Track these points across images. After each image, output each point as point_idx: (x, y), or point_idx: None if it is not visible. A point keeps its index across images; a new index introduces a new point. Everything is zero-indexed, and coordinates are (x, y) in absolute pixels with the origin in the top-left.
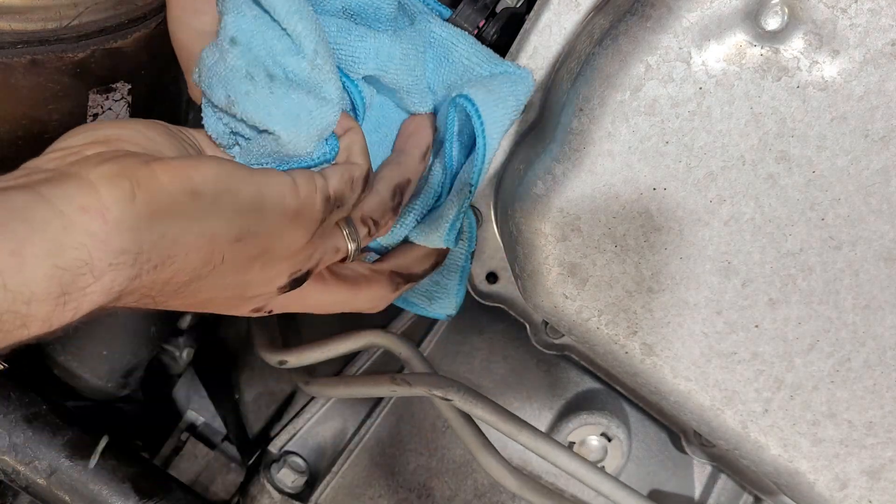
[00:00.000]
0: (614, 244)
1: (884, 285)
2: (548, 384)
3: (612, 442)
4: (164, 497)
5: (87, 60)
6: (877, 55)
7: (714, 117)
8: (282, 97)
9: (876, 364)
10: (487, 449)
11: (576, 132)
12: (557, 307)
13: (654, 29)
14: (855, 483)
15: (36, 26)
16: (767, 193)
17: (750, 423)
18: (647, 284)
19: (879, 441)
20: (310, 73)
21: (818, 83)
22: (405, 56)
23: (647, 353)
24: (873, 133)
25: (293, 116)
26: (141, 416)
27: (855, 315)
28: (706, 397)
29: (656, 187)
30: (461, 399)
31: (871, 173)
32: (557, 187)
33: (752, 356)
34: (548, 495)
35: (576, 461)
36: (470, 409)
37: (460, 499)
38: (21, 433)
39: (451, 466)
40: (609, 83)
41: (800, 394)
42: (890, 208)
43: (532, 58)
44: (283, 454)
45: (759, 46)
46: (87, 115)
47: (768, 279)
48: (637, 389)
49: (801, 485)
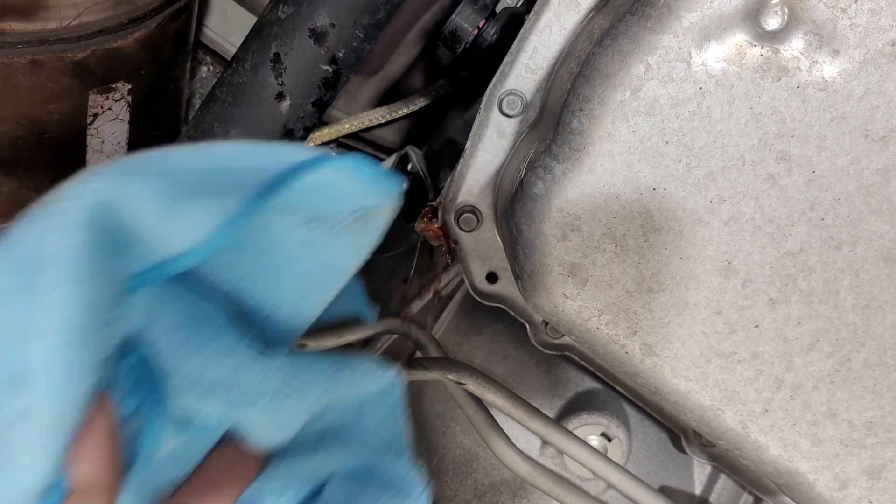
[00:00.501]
0: (614, 244)
1: (884, 285)
2: (548, 384)
3: (611, 442)
4: None
5: (87, 60)
6: (877, 55)
7: (714, 117)
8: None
9: (876, 364)
10: (499, 435)
11: (576, 132)
12: (557, 307)
13: (654, 29)
14: (855, 483)
15: (36, 26)
16: (767, 193)
17: (750, 423)
18: (647, 284)
19: (879, 441)
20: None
21: (818, 83)
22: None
23: (647, 353)
24: (873, 133)
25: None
26: None
27: (855, 315)
28: (706, 397)
29: (656, 187)
30: (474, 383)
31: (872, 173)
32: (557, 187)
33: (752, 356)
34: (559, 483)
35: (586, 449)
36: (483, 393)
37: (460, 499)
38: None
39: (451, 466)
40: (609, 83)
41: (800, 394)
42: (890, 208)
43: (532, 57)
44: None
45: (759, 46)
46: (87, 115)
47: (768, 279)
48: (637, 389)
49: (801, 485)
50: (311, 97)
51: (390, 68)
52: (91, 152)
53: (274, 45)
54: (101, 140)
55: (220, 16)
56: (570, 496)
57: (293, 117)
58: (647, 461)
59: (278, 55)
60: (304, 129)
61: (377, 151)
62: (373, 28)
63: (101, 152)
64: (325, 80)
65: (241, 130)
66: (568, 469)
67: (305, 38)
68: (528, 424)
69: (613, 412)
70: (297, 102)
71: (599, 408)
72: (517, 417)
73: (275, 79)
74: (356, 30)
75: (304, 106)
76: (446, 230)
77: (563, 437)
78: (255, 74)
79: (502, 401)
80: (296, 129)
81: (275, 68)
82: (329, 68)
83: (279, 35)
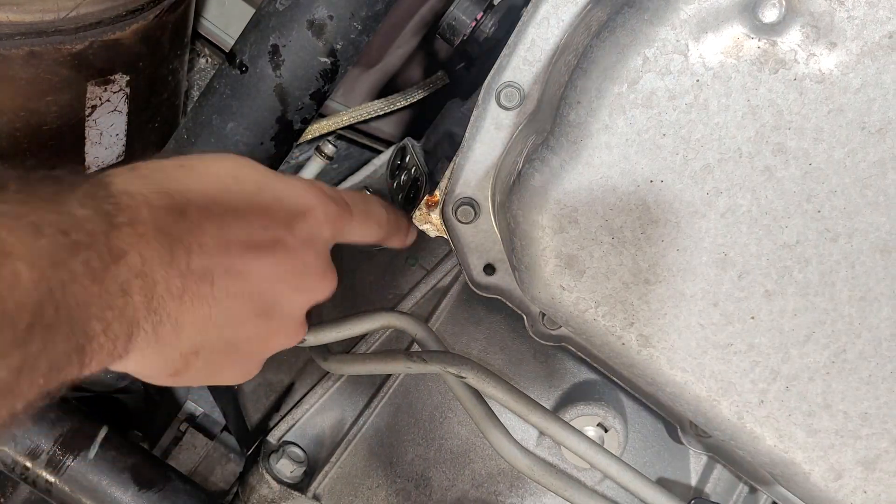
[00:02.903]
0: (611, 236)
1: (880, 277)
2: (545, 375)
3: (608, 432)
4: (163, 487)
5: (85, 52)
6: (874, 47)
7: (711, 109)
8: None
9: (871, 355)
10: (498, 428)
11: (573, 124)
12: (554, 298)
13: (651, 21)
14: (850, 473)
15: (34, 18)
16: (764, 185)
17: (745, 413)
18: (644, 276)
19: (874, 432)
20: None
21: (815, 75)
22: None
23: (644, 344)
24: (870, 125)
25: None
26: (140, 406)
27: (851, 306)
28: (702, 388)
29: (653, 179)
30: (474, 376)
31: (868, 165)
32: (555, 179)
33: (748, 347)
34: (557, 476)
35: (585, 442)
36: (482, 386)
37: (458, 488)
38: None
39: (449, 457)
40: (606, 75)
41: (795, 385)
42: (886, 200)
43: (530, 50)
44: (281, 444)
45: (757, 39)
46: (86, 107)
47: (764, 271)
48: (633, 380)
49: (796, 475)
50: (310, 89)
51: (388, 60)
52: (89, 144)
53: (272, 37)
54: (99, 132)
55: (218, 7)
56: (569, 490)
57: (291, 109)
58: (643, 451)
59: (276, 47)
60: (302, 121)
61: (375, 143)
62: (371, 20)
63: (100, 144)
64: (324, 73)
65: (240, 122)
66: (565, 459)
67: (304, 30)
68: (528, 417)
69: (610, 403)
70: (295, 94)
71: (596, 398)
72: (517, 410)
73: (273, 71)
74: (354, 22)
75: (303, 98)
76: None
77: (562, 431)
78: (254, 66)
79: (502, 394)
80: (294, 121)
81: (273, 60)
82: (327, 60)
83: (277, 27)
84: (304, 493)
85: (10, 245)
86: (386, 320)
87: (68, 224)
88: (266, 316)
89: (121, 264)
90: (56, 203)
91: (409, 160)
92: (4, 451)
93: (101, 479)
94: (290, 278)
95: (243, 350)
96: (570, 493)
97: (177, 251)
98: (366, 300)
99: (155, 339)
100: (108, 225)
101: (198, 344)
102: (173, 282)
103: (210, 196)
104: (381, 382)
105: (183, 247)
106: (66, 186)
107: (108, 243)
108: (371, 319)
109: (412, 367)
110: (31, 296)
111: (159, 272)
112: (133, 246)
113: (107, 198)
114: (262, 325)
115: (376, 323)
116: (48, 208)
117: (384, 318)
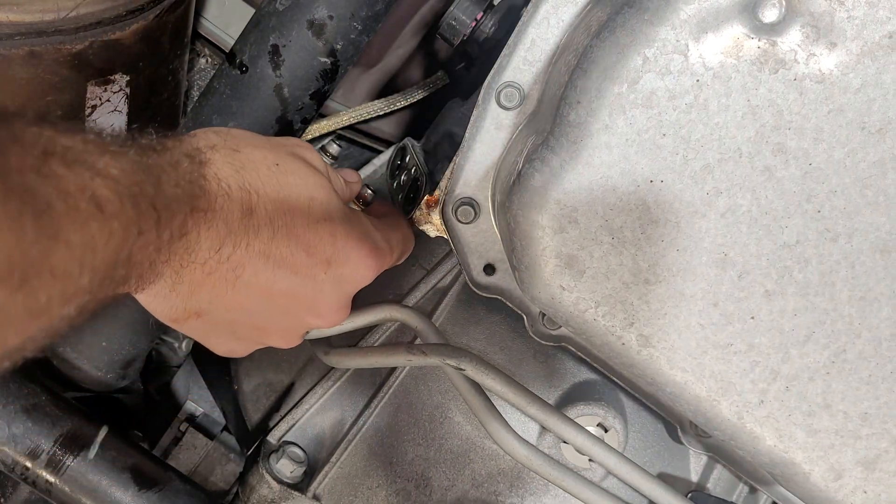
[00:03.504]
0: (611, 236)
1: (880, 277)
2: (545, 375)
3: (608, 432)
4: (163, 487)
5: (85, 52)
6: (874, 47)
7: (711, 110)
8: None
9: (871, 355)
10: (497, 419)
11: (573, 124)
12: (554, 298)
13: (651, 21)
14: (850, 474)
15: (34, 18)
16: (764, 185)
17: (745, 413)
18: (644, 276)
19: (874, 432)
20: None
21: (815, 75)
22: None
23: (644, 344)
24: (870, 125)
25: None
26: (140, 406)
27: (851, 306)
28: (702, 388)
29: (653, 179)
30: (474, 369)
31: (868, 165)
32: (555, 179)
33: (747, 347)
34: (556, 467)
35: (583, 434)
36: (482, 378)
37: (458, 488)
38: (21, 424)
39: (449, 456)
40: (606, 75)
41: (795, 385)
42: (886, 200)
43: (530, 50)
44: (281, 444)
45: (757, 39)
46: (86, 107)
47: (764, 271)
48: (633, 380)
49: (796, 475)
50: (310, 89)
51: (388, 60)
52: None
53: (272, 37)
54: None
55: (218, 7)
56: (567, 480)
57: (291, 109)
58: (643, 451)
59: (276, 47)
60: (302, 121)
61: (375, 143)
62: (371, 20)
63: None
64: (324, 73)
65: (240, 122)
66: (565, 458)
67: (304, 30)
68: (527, 410)
69: (610, 402)
70: (295, 94)
71: (596, 398)
72: (516, 403)
73: (273, 71)
74: (354, 22)
75: (303, 98)
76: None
77: (561, 423)
78: (254, 66)
79: (501, 386)
80: (294, 121)
81: (273, 60)
82: (327, 60)
83: (277, 27)
84: (304, 493)
85: (115, 209)
86: (387, 313)
87: (161, 203)
88: (272, 320)
89: (182, 240)
90: (157, 178)
91: (409, 160)
92: (4, 451)
93: (101, 479)
94: (309, 302)
95: (239, 334)
96: (569, 483)
97: (227, 242)
98: (366, 300)
99: (170, 290)
100: (189, 207)
101: (204, 309)
102: (210, 263)
103: (281, 208)
104: (382, 382)
105: (233, 240)
106: (171, 158)
107: (183, 224)
108: (372, 312)
109: (412, 359)
110: (117, 253)
111: (204, 253)
112: (197, 228)
113: (199, 180)
114: (266, 324)
115: (377, 316)
116: (149, 182)
117: (385, 311)
